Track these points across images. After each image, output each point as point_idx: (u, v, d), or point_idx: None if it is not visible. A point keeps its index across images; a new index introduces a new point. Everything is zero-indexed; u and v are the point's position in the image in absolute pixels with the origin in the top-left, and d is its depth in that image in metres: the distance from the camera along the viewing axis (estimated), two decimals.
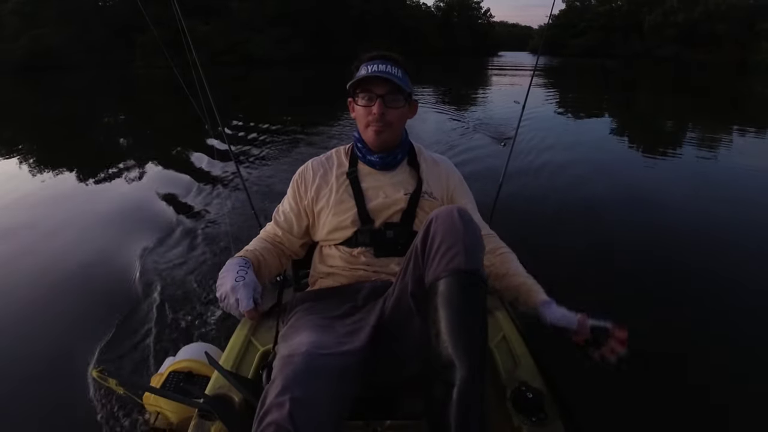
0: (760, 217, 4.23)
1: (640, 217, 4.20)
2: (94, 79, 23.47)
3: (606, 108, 13.03)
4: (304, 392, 0.89)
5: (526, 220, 3.91)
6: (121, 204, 4.60)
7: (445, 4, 61.16)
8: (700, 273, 3.17)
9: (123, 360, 2.21)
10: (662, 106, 14.09)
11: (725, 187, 5.28)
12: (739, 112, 12.90)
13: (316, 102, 14.35)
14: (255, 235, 1.47)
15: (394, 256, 1.29)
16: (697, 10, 43.12)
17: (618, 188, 5.15)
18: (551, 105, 12.55)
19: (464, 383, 0.88)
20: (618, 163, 6.73)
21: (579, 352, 1.19)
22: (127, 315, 2.57)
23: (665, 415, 1.88)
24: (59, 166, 6.29)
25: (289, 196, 1.43)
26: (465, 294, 0.96)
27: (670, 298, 2.84)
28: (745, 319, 2.61)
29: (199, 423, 1.16)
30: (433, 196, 1.34)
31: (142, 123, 10.62)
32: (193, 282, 2.91)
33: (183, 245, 3.47)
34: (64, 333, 2.47)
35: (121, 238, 3.63)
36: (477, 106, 12.28)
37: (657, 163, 6.61)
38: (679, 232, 3.81)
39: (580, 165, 6.09)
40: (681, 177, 5.83)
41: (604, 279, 3.07)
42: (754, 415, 1.90)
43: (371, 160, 1.35)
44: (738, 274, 3.13)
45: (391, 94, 1.26)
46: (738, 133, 8.94)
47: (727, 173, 5.98)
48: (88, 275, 3.11)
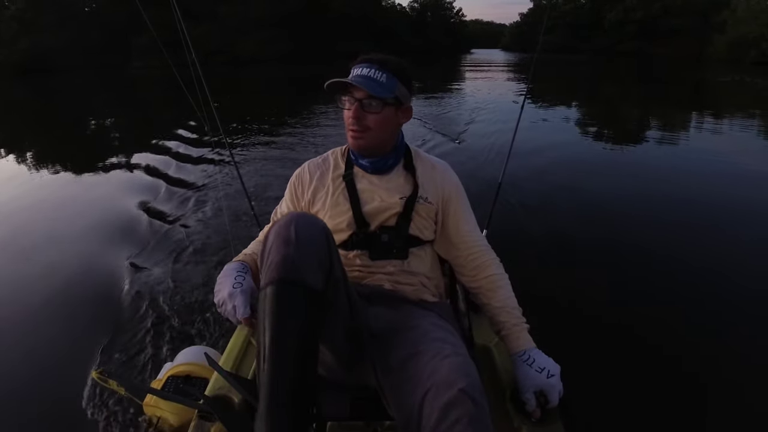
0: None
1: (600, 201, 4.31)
2: (90, 79, 23.09)
3: (574, 99, 13.15)
4: (307, 230, 0.92)
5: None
6: (119, 207, 4.41)
7: (418, 4, 61.11)
8: (700, 270, 3.05)
9: (122, 366, 2.14)
10: (627, 96, 14.34)
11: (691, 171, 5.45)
12: (699, 100, 13.27)
13: (300, 96, 14.44)
14: (254, 236, 1.42)
15: (390, 260, 1.25)
16: (655, 6, 43.78)
17: (581, 174, 5.26)
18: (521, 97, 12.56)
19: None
20: (576, 146, 6.96)
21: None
22: (126, 319, 2.49)
23: (665, 414, 1.84)
24: (54, 167, 6.15)
25: (286, 198, 1.39)
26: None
27: (670, 297, 2.74)
28: (741, 315, 2.54)
29: (199, 424, 1.13)
30: (428, 200, 1.29)
31: (141, 122, 10.41)
32: (192, 283, 2.84)
33: (183, 246, 3.38)
34: (63, 337, 2.39)
35: (114, 242, 3.52)
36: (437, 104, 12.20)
37: (616, 147, 6.80)
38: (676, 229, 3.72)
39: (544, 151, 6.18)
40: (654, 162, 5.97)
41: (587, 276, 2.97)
42: (754, 415, 1.86)
43: (363, 164, 1.30)
44: (730, 265, 3.06)
45: (369, 99, 1.20)
46: (697, 122, 9.30)
47: (692, 156, 6.20)
48: (86, 279, 3.00)
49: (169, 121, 8.83)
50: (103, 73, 25.91)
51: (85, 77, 23.90)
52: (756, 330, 2.42)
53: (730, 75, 21.55)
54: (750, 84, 17.99)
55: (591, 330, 2.38)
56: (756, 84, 17.88)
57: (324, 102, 10.79)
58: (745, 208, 4.20)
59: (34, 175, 5.88)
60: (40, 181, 5.60)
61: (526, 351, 1.15)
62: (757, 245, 3.40)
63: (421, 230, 1.27)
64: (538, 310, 1.23)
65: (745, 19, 35.83)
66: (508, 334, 1.19)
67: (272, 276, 0.88)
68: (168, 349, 2.21)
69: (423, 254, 1.28)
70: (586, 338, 2.29)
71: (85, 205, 4.63)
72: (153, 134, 7.69)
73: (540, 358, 1.13)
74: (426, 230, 1.28)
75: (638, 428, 1.80)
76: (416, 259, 1.27)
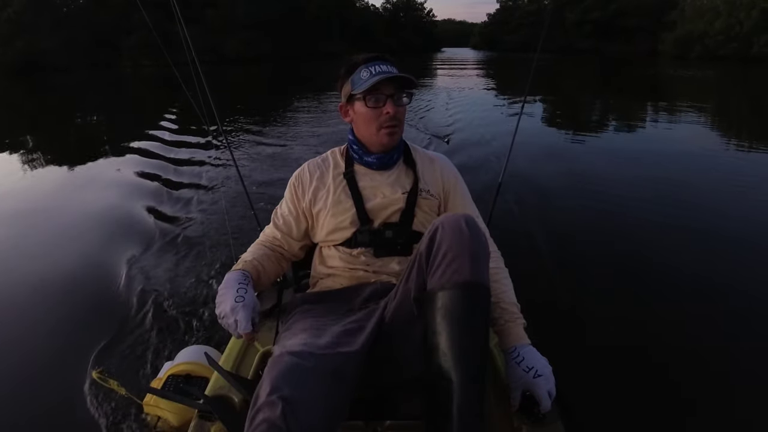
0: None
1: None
2: (82, 78, 22.48)
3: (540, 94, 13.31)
4: (293, 391, 0.81)
5: None
6: (119, 206, 4.21)
7: (391, 5, 60.70)
8: (701, 268, 2.89)
9: (122, 366, 2.05)
10: (585, 90, 14.60)
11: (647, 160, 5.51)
12: (651, 95, 13.52)
13: (280, 91, 14.29)
14: (255, 236, 1.37)
15: (394, 256, 1.21)
16: (610, 8, 44.52)
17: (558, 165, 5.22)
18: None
19: (463, 403, 0.83)
20: (540, 137, 7.01)
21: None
22: (126, 319, 2.39)
23: (665, 414, 1.75)
24: (54, 164, 5.99)
25: (286, 199, 1.32)
26: (468, 309, 0.89)
27: (671, 296, 2.60)
28: (741, 315, 2.40)
29: (199, 424, 1.09)
30: (430, 193, 1.25)
31: (140, 122, 9.93)
32: (192, 282, 2.73)
33: (182, 245, 3.25)
34: (63, 337, 2.29)
35: (114, 241, 3.37)
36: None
37: (576, 137, 6.87)
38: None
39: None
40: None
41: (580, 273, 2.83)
42: (753, 414, 1.78)
43: (368, 161, 1.25)
44: (731, 264, 2.91)
45: (398, 93, 1.18)
46: (652, 114, 9.50)
47: (692, 156, 5.98)
48: (86, 278, 2.87)
49: (170, 122, 8.55)
50: (94, 73, 25.24)
51: (77, 77, 23.24)
52: (756, 329, 2.31)
53: (678, 70, 22.15)
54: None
55: (591, 330, 2.26)
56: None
57: (304, 97, 10.73)
58: (751, 211, 3.90)
59: (30, 173, 5.64)
60: (38, 179, 5.40)
61: (516, 348, 1.09)
62: (760, 246, 3.21)
63: (424, 225, 1.22)
64: (538, 309, 1.17)
65: (691, 18, 37.08)
66: (501, 330, 1.13)
67: None
68: (168, 348, 2.13)
69: None
70: (587, 338, 2.19)
71: (86, 204, 4.42)
72: (152, 134, 7.45)
73: (530, 357, 1.06)
74: (429, 225, 1.21)
75: (638, 428, 1.72)
76: None
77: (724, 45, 33.05)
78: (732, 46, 32.44)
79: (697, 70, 22.13)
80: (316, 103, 11.21)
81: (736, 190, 4.42)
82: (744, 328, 2.30)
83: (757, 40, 31.07)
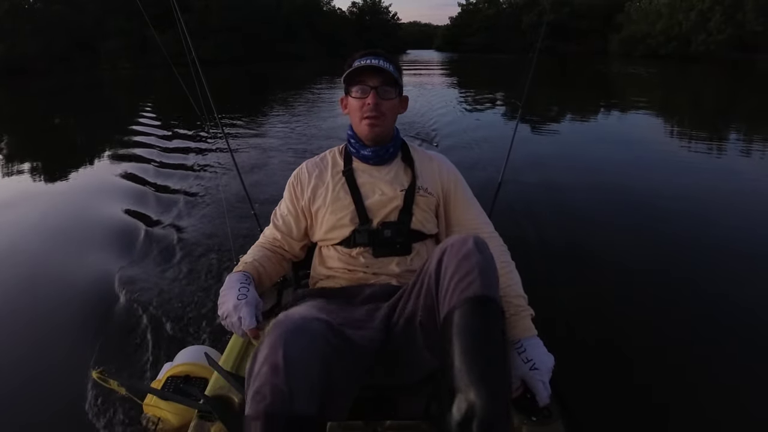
0: None
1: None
2: (64, 82, 21.21)
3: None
4: (294, 350, 0.76)
5: None
6: (119, 207, 4.04)
7: (357, 8, 60.24)
8: (703, 266, 2.80)
9: (122, 366, 2.00)
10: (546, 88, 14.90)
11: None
12: (599, 91, 14.07)
13: (259, 91, 13.95)
14: (256, 236, 1.34)
15: (393, 256, 1.17)
16: (564, 11, 45.47)
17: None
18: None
19: (484, 422, 0.71)
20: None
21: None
22: (126, 319, 2.32)
23: (666, 414, 1.69)
24: (49, 168, 5.77)
25: (286, 199, 1.30)
26: (480, 320, 0.83)
27: (672, 295, 2.50)
28: (742, 314, 2.31)
29: (199, 424, 1.07)
30: (428, 191, 1.22)
31: (137, 121, 9.50)
32: (192, 283, 2.66)
33: (182, 245, 3.15)
34: (63, 337, 2.21)
35: (115, 242, 3.25)
36: None
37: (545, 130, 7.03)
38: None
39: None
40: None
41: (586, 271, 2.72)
42: (755, 413, 1.72)
43: (365, 155, 1.23)
44: (732, 263, 2.81)
45: (384, 86, 1.16)
46: (605, 109, 9.93)
47: (691, 155, 5.91)
48: (86, 279, 2.76)
49: (167, 121, 8.31)
50: (74, 77, 23.97)
51: (58, 80, 22.05)
52: (756, 328, 2.22)
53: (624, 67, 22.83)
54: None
55: (591, 330, 2.17)
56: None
57: (279, 97, 10.57)
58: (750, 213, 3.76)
59: (27, 176, 5.40)
60: (35, 182, 5.19)
61: (520, 341, 1.05)
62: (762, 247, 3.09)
63: (423, 224, 1.21)
64: (538, 310, 1.11)
65: (636, 20, 38.55)
66: (507, 323, 1.08)
67: (258, 410, 0.75)
68: (168, 348, 2.07)
69: (426, 249, 1.21)
70: (587, 338, 2.10)
71: (85, 207, 4.24)
72: (151, 134, 7.20)
73: (531, 350, 1.02)
74: (428, 223, 1.22)
75: (638, 428, 1.65)
76: (419, 254, 1.19)
77: (665, 45, 34.53)
78: (672, 45, 33.92)
79: (641, 68, 22.92)
80: (292, 101, 11.22)
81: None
82: (744, 328, 2.22)
83: (695, 39, 32.55)
